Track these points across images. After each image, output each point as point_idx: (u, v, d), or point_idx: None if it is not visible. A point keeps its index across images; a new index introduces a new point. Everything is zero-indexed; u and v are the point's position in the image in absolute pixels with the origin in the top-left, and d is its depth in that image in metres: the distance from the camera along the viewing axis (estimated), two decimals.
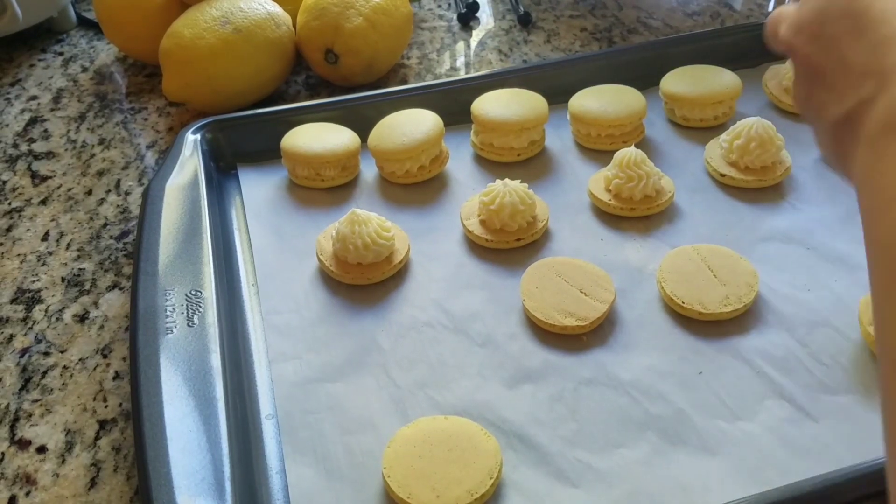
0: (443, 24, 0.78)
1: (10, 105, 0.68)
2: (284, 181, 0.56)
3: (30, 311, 0.48)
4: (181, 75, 0.61)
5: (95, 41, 0.78)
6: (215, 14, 0.61)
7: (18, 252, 0.53)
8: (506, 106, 0.56)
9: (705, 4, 0.79)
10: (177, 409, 0.36)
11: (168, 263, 0.44)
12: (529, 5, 0.79)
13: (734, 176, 0.52)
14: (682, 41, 0.65)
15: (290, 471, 0.37)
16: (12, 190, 0.58)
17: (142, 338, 0.40)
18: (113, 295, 0.49)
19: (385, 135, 0.55)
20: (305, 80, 0.69)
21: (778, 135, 0.52)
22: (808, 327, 0.43)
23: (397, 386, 0.41)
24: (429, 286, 0.47)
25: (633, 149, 0.50)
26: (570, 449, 0.37)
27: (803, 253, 0.48)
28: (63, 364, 0.45)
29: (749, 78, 0.61)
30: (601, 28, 0.75)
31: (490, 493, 0.35)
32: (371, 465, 0.37)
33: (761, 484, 0.35)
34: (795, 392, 0.39)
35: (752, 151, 0.51)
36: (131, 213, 0.55)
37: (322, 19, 0.63)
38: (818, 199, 0.52)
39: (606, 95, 0.57)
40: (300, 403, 0.40)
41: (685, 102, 0.58)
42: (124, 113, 0.67)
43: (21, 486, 0.38)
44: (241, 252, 0.50)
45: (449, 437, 0.37)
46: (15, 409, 0.42)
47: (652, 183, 0.50)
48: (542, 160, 0.57)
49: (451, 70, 0.71)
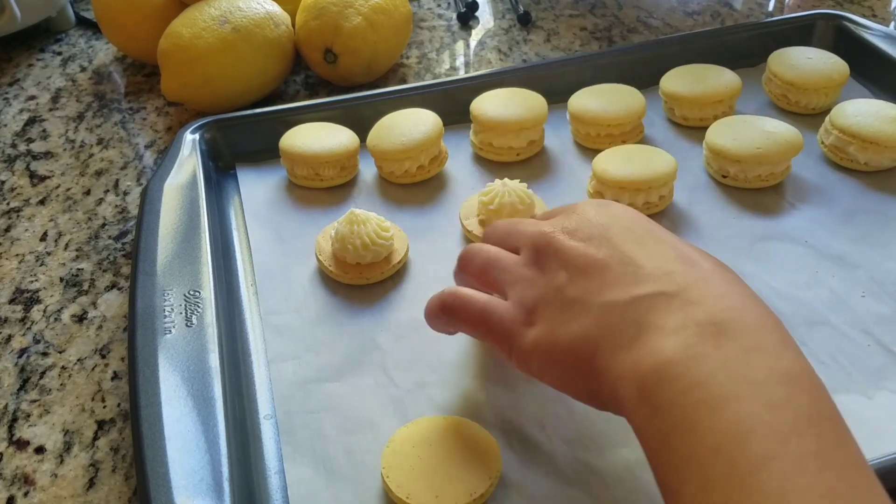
0: (442, 23, 0.78)
1: (8, 105, 0.68)
2: (283, 181, 0.56)
3: (28, 312, 0.48)
4: (180, 75, 0.61)
5: (94, 41, 0.77)
6: (214, 13, 0.61)
7: (17, 252, 0.53)
8: (505, 105, 0.56)
9: (705, 4, 0.79)
10: (175, 409, 0.36)
11: (166, 263, 0.44)
12: (529, 4, 0.79)
13: (735, 175, 0.52)
14: (682, 41, 0.65)
15: (288, 471, 0.37)
16: (10, 190, 0.58)
17: (140, 338, 0.40)
18: (111, 295, 0.49)
19: (384, 134, 0.54)
20: (304, 80, 0.69)
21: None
22: (807, 326, 0.43)
23: (396, 386, 0.41)
24: (428, 286, 0.47)
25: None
26: (570, 449, 0.37)
27: (802, 252, 0.48)
28: (61, 364, 0.45)
29: (749, 77, 0.61)
30: (601, 27, 0.75)
31: (489, 493, 0.35)
32: (370, 465, 0.37)
33: None
34: None
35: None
36: (130, 213, 0.55)
37: (321, 19, 0.63)
38: (818, 199, 0.52)
39: (606, 95, 0.57)
40: (299, 403, 0.40)
41: (685, 102, 0.58)
42: (123, 113, 0.67)
43: (19, 487, 0.38)
44: (239, 252, 0.50)
45: (448, 437, 0.37)
46: (13, 409, 0.42)
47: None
48: (541, 160, 0.57)
49: (451, 70, 0.71)
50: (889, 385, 0.39)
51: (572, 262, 0.32)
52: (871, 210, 0.50)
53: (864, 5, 0.78)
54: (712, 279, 0.30)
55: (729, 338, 0.27)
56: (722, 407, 0.25)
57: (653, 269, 0.30)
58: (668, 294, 0.29)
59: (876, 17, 0.76)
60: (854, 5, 0.78)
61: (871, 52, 0.61)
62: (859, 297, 0.44)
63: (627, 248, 0.31)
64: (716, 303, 0.28)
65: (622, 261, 0.31)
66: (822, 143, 0.55)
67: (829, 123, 0.54)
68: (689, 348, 0.27)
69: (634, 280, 0.30)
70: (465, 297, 0.36)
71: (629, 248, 0.32)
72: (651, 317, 0.28)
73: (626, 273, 0.30)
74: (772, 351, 0.26)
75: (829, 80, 0.57)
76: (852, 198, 0.52)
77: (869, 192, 0.52)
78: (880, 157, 0.52)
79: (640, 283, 0.30)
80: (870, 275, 0.46)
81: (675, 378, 0.26)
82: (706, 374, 0.25)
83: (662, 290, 0.29)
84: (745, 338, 0.27)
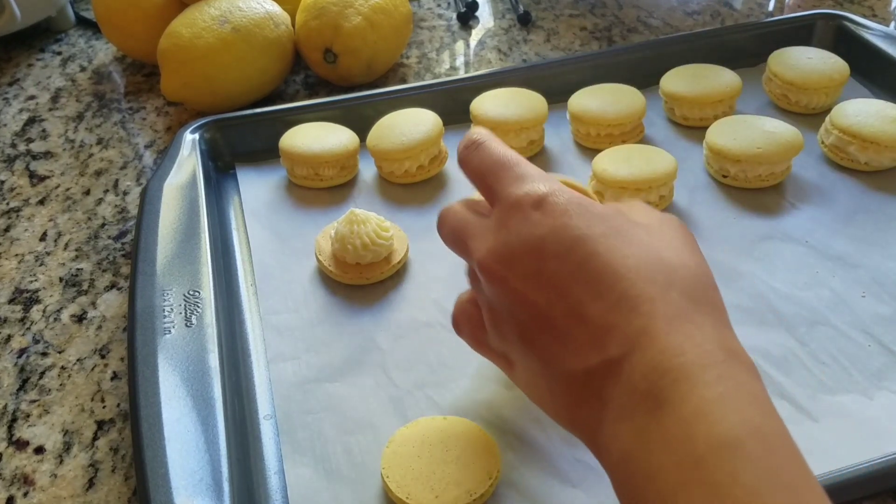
0: (442, 23, 0.78)
1: (8, 105, 0.68)
2: (283, 181, 0.56)
3: (27, 312, 0.48)
4: (179, 75, 0.61)
5: (94, 41, 0.77)
6: (214, 13, 0.61)
7: (16, 252, 0.53)
8: (505, 105, 0.56)
9: (705, 4, 0.78)
10: (175, 409, 0.36)
11: (166, 263, 0.44)
12: (529, 4, 0.79)
13: (736, 175, 0.52)
14: (682, 40, 0.65)
15: (288, 471, 0.37)
16: (10, 190, 0.58)
17: (139, 338, 0.40)
18: (111, 295, 0.49)
19: (384, 134, 0.54)
20: (304, 80, 0.69)
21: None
22: (808, 326, 0.43)
23: (396, 386, 0.41)
24: (428, 286, 0.47)
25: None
26: (569, 449, 0.37)
27: (803, 252, 0.48)
28: (61, 364, 0.45)
29: (749, 77, 0.61)
30: (601, 27, 0.75)
31: (489, 493, 0.35)
32: (370, 466, 0.37)
33: None
34: (795, 391, 0.39)
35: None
36: (129, 213, 0.55)
37: (321, 19, 0.63)
38: (818, 199, 0.52)
39: (606, 95, 0.57)
40: (299, 403, 0.40)
41: (685, 102, 0.58)
42: (122, 112, 0.67)
43: (19, 487, 0.38)
44: (239, 252, 0.50)
45: (448, 437, 0.37)
46: (13, 409, 0.42)
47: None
48: (541, 160, 0.57)
49: (451, 69, 0.71)
50: (889, 385, 0.39)
51: (517, 309, 0.30)
52: (872, 210, 0.50)
53: (864, 5, 0.78)
54: (654, 321, 0.27)
55: (667, 410, 0.25)
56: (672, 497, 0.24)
57: (596, 326, 0.28)
58: (613, 360, 0.27)
59: (876, 17, 0.75)
60: (854, 5, 0.78)
61: (872, 52, 0.61)
62: (860, 298, 0.44)
63: (569, 292, 0.29)
64: (658, 357, 0.26)
65: (565, 313, 0.28)
66: (823, 143, 0.55)
67: (830, 123, 0.54)
68: (639, 435, 0.25)
69: (583, 343, 0.28)
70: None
71: (569, 290, 0.29)
72: (606, 392, 0.27)
73: (570, 333, 0.28)
74: (715, 408, 0.24)
75: (830, 80, 0.57)
76: (852, 198, 0.52)
77: (869, 192, 0.52)
78: (880, 157, 0.52)
79: (588, 349, 0.28)
80: (870, 275, 0.46)
81: (634, 473, 0.25)
82: (656, 468, 0.25)
83: (608, 358, 0.27)
84: (685, 404, 0.25)
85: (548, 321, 0.29)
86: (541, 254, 0.29)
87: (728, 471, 0.23)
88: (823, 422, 0.38)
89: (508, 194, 0.32)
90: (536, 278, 0.29)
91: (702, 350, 0.26)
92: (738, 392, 0.25)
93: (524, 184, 0.32)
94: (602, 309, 0.28)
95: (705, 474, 0.23)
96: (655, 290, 0.27)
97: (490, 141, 0.35)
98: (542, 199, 0.31)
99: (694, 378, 0.25)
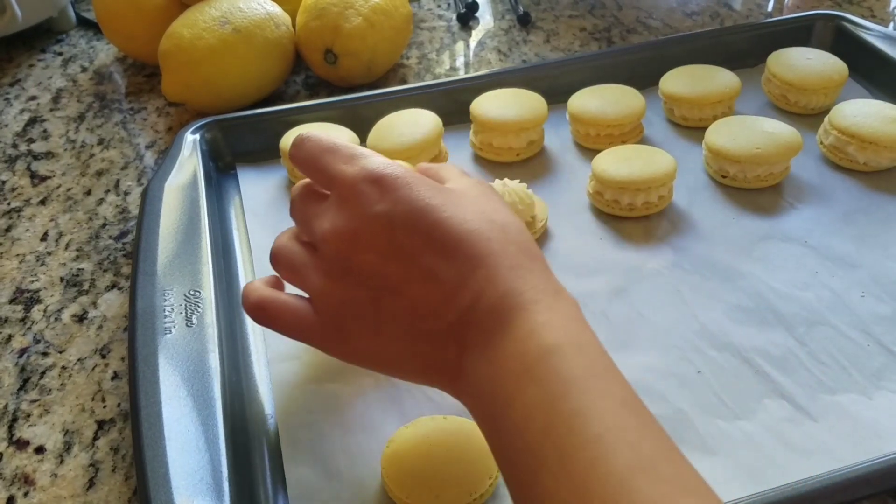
0: (442, 24, 0.78)
1: (9, 105, 0.68)
2: (284, 181, 0.56)
3: (28, 312, 0.48)
4: (180, 75, 0.61)
5: (95, 41, 0.78)
6: (214, 14, 0.61)
7: (17, 252, 0.53)
8: (505, 106, 0.56)
9: (705, 4, 0.79)
10: (175, 409, 0.36)
11: (167, 263, 0.44)
12: (529, 5, 0.79)
13: (735, 175, 0.52)
14: (682, 41, 0.65)
15: (288, 471, 0.37)
16: (11, 190, 0.58)
17: (140, 338, 0.40)
18: (112, 295, 0.49)
19: (384, 135, 0.54)
20: (305, 81, 0.69)
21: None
22: (807, 326, 0.43)
23: (396, 386, 0.41)
24: None
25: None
26: None
27: (802, 252, 0.48)
28: (62, 364, 0.45)
29: (748, 78, 0.61)
30: (600, 28, 0.75)
31: (489, 493, 0.35)
32: (370, 466, 0.37)
33: (761, 483, 0.35)
34: (795, 391, 0.39)
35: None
36: (130, 213, 0.55)
37: (321, 20, 0.63)
38: (817, 199, 0.52)
39: (605, 95, 0.57)
40: (299, 403, 0.40)
41: (684, 102, 0.58)
42: (123, 113, 0.67)
43: (19, 487, 0.38)
44: (240, 252, 0.50)
45: (448, 437, 0.37)
46: (13, 409, 0.42)
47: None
48: (541, 160, 0.57)
49: (451, 70, 0.71)
50: (889, 385, 0.39)
51: (371, 282, 0.33)
52: (871, 210, 0.50)
53: (863, 6, 0.78)
54: (497, 271, 0.31)
55: (507, 335, 0.30)
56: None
57: (450, 285, 0.31)
58: (466, 309, 0.31)
59: (875, 18, 0.76)
60: (853, 6, 0.78)
61: (870, 53, 0.61)
62: (859, 298, 0.44)
63: (421, 260, 0.32)
64: (503, 298, 0.30)
65: (421, 278, 0.32)
66: (822, 144, 0.55)
67: (829, 124, 0.54)
68: (490, 361, 0.30)
69: (441, 303, 0.31)
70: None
71: (421, 257, 0.32)
72: (463, 337, 0.31)
73: (428, 297, 0.31)
74: (544, 328, 0.29)
75: (829, 81, 0.58)
76: (851, 198, 0.52)
77: (868, 192, 0.52)
78: (879, 158, 0.52)
79: (446, 308, 0.31)
80: (870, 275, 0.46)
81: (487, 392, 0.30)
82: (500, 380, 0.29)
83: (462, 308, 0.31)
84: (521, 328, 0.29)
85: (404, 289, 0.32)
86: (389, 228, 0.32)
87: (551, 367, 0.28)
88: (823, 421, 0.38)
89: (342, 171, 0.34)
90: (388, 251, 0.32)
91: (535, 289, 0.30)
92: (562, 316, 0.30)
93: (356, 161, 0.34)
94: (453, 270, 0.31)
95: (534, 374, 0.28)
96: (494, 246, 0.31)
97: (316, 133, 0.37)
98: (379, 175, 0.33)
99: (529, 309, 0.30)
